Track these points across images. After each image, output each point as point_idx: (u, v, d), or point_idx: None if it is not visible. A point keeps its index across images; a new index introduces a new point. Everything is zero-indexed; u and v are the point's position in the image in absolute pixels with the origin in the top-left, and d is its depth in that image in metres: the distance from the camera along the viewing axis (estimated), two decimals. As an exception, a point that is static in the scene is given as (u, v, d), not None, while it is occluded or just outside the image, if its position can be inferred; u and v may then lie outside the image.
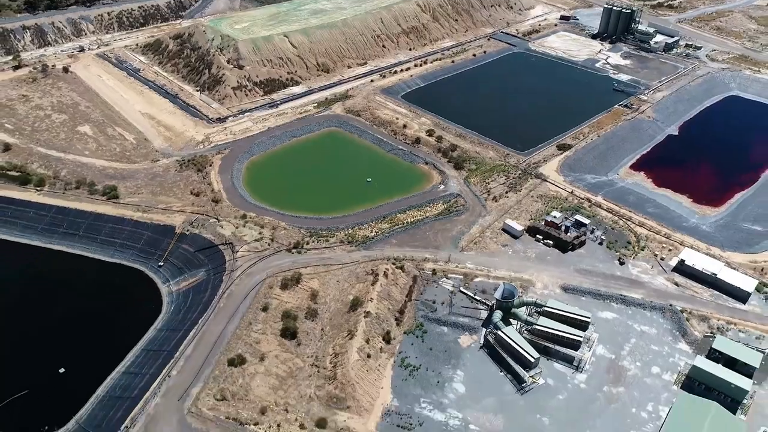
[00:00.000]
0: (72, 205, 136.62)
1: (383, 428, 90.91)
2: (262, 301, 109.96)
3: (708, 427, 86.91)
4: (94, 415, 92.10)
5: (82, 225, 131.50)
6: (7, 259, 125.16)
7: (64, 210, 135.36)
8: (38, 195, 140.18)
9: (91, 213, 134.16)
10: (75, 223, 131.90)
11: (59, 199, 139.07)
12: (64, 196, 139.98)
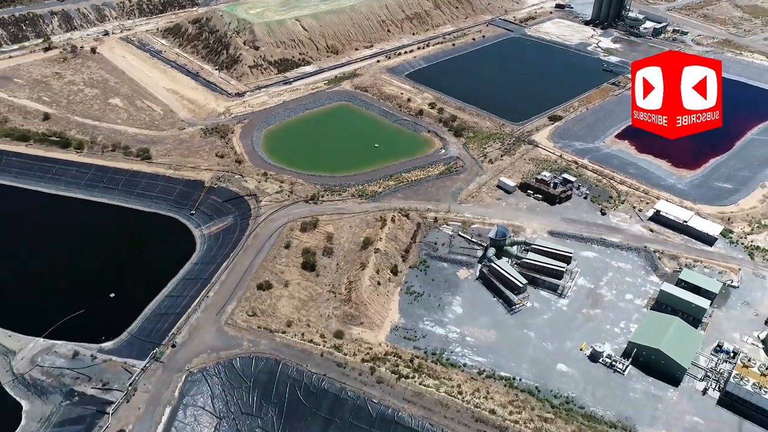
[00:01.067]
0: (110, 164, 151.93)
1: (392, 339, 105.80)
2: (285, 241, 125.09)
3: (670, 335, 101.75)
4: (143, 327, 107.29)
5: (120, 181, 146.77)
6: (55, 209, 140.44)
7: (103, 168, 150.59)
8: (79, 156, 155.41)
9: (128, 170, 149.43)
10: (114, 179, 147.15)
11: (98, 159, 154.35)
12: (102, 156, 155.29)
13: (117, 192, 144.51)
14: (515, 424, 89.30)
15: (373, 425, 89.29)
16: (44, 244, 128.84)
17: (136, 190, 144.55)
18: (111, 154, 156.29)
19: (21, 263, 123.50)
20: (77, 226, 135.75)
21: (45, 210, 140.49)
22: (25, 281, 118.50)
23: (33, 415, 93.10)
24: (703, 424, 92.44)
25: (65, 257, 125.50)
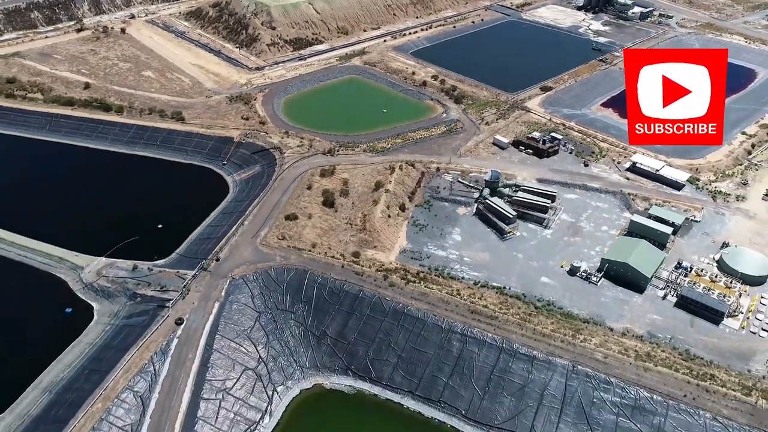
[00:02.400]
0: (148, 124, 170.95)
1: (401, 259, 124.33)
2: (307, 183, 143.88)
3: (637, 252, 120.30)
4: (190, 249, 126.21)
5: (158, 137, 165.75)
6: (103, 162, 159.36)
7: (143, 127, 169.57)
8: (119, 117, 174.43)
9: (165, 129, 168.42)
10: (153, 137, 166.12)
11: (137, 120, 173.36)
12: (141, 118, 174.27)
13: (156, 147, 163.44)
14: (504, 315, 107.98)
15: (387, 316, 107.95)
16: (99, 189, 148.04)
17: (173, 146, 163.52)
18: (148, 117, 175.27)
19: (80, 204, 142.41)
20: (124, 174, 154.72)
21: (95, 162, 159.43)
22: (85, 217, 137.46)
23: (103, 312, 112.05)
24: (662, 320, 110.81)
25: (117, 198, 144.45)
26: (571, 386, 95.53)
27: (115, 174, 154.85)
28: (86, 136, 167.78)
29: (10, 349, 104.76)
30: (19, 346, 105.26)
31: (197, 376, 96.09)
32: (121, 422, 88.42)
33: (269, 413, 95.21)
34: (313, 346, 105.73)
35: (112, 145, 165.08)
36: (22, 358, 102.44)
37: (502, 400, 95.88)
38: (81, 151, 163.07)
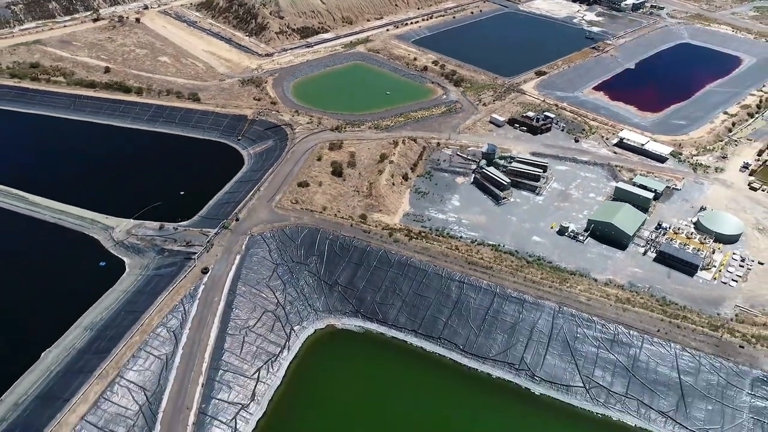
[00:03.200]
0: (167, 104, 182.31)
1: (404, 222, 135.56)
2: (317, 155, 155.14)
3: (620, 213, 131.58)
4: (211, 212, 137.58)
5: (176, 116, 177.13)
6: (126, 138, 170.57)
7: (161, 107, 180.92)
8: (139, 98, 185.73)
9: (182, 108, 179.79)
10: (171, 115, 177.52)
11: (156, 100, 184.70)
12: (159, 98, 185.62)
13: (175, 124, 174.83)
14: (498, 266, 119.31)
15: (392, 267, 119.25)
16: (123, 162, 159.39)
17: (191, 123, 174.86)
18: (166, 97, 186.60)
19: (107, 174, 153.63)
20: (146, 149, 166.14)
21: (118, 138, 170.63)
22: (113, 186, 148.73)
23: (134, 265, 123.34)
24: (641, 272, 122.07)
25: (140, 170, 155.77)
26: (557, 324, 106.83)
27: (138, 148, 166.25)
28: (109, 115, 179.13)
29: (51, 297, 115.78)
30: (59, 294, 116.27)
31: (223, 316, 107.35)
32: (157, 352, 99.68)
33: (287, 348, 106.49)
34: (326, 293, 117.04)
35: (133, 122, 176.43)
36: (64, 304, 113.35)
37: (495, 336, 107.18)
38: (104, 129, 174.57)
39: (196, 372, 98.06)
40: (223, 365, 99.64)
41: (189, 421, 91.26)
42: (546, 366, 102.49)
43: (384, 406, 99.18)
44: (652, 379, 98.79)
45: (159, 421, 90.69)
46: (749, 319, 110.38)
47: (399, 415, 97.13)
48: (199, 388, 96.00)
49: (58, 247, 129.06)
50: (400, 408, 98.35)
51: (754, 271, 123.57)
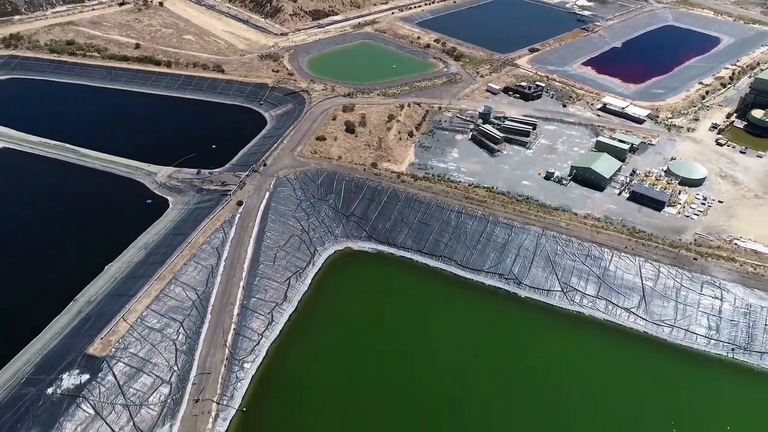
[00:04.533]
0: (194, 74, 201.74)
1: (410, 169, 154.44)
2: (331, 116, 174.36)
3: (599, 161, 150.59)
4: (240, 160, 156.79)
5: (204, 84, 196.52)
6: (160, 103, 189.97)
7: (190, 77, 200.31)
8: (169, 69, 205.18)
9: (209, 78, 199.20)
10: (199, 84, 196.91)
11: (184, 71, 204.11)
12: (187, 69, 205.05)
13: (203, 91, 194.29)
14: (491, 201, 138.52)
15: (400, 202, 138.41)
16: (158, 122, 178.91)
17: (217, 90, 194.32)
18: (193, 69, 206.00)
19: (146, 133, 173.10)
20: (178, 112, 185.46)
21: (152, 103, 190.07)
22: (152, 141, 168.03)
23: (176, 202, 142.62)
24: (616, 208, 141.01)
25: (175, 128, 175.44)
26: (541, 243, 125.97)
27: (171, 111, 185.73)
28: (142, 84, 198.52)
29: (108, 226, 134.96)
30: (115, 224, 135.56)
31: (257, 237, 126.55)
32: (204, 263, 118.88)
33: (312, 263, 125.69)
34: (343, 223, 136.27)
35: (165, 90, 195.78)
36: (120, 231, 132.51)
37: (488, 253, 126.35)
38: (139, 95, 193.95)
39: (237, 278, 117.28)
40: (259, 273, 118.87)
41: (234, 312, 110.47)
42: (530, 275, 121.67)
43: (393, 308, 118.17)
44: (619, 284, 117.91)
45: (209, 312, 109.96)
46: (705, 242, 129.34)
47: (405, 316, 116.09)
48: (240, 289, 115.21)
49: (110, 189, 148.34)
50: (407, 310, 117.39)
51: (713, 207, 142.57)
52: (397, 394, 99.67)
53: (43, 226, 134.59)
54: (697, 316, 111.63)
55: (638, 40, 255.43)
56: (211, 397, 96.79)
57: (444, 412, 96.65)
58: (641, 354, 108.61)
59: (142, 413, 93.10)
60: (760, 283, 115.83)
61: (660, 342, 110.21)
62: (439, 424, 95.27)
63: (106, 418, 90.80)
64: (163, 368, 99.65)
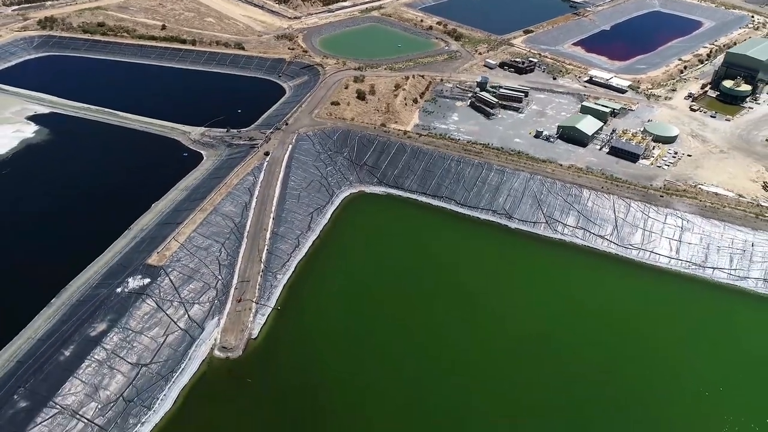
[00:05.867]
0: (218, 51, 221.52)
1: (415, 130, 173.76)
2: (344, 85, 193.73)
3: (583, 121, 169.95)
4: (264, 121, 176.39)
5: (227, 59, 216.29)
6: (188, 76, 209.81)
7: (214, 53, 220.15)
8: (194, 47, 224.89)
9: (231, 54, 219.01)
10: (223, 59, 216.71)
11: (208, 48, 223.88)
12: (210, 47, 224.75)
13: (226, 66, 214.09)
14: (487, 153, 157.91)
15: (406, 153, 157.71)
16: (188, 91, 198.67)
17: (239, 65, 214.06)
18: (216, 47, 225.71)
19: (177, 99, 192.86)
20: (205, 82, 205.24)
21: (181, 76, 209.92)
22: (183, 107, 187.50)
23: (210, 155, 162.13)
24: (596, 161, 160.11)
25: (203, 96, 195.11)
26: (529, 185, 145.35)
27: (198, 83, 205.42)
28: (170, 59, 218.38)
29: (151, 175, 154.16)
30: (157, 173, 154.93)
31: (283, 180, 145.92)
32: (239, 199, 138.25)
33: (331, 203, 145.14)
34: (357, 171, 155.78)
35: (192, 65, 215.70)
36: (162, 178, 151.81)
37: (483, 194, 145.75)
38: (169, 70, 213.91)
39: (268, 210, 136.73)
40: (286, 208, 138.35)
41: (266, 237, 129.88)
42: (519, 211, 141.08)
43: (400, 238, 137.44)
44: (595, 216, 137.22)
45: (245, 236, 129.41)
46: (673, 187, 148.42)
47: (411, 244, 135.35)
48: (271, 220, 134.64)
49: (149, 145, 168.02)
50: (413, 239, 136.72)
51: (683, 160, 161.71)
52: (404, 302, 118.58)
53: (96, 172, 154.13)
54: (661, 241, 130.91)
55: (626, 24, 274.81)
56: (251, 298, 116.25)
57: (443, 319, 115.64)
58: (613, 272, 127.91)
59: (195, 309, 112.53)
60: (716, 214, 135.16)
61: (629, 262, 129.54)
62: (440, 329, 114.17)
63: (166, 311, 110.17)
64: (209, 277, 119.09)
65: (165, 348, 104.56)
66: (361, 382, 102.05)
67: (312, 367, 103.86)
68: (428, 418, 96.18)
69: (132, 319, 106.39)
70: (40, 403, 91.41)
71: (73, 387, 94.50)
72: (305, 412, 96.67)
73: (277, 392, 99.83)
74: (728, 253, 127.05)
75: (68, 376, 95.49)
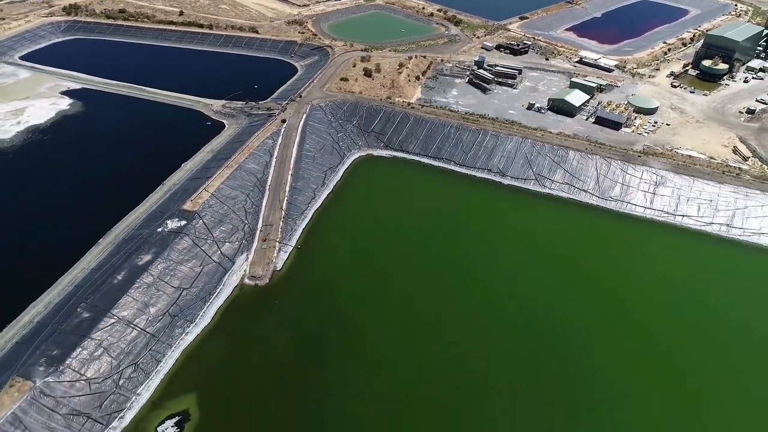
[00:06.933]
0: (233, 34, 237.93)
1: (417, 102, 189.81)
2: (352, 64, 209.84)
3: (571, 94, 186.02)
4: (279, 94, 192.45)
5: (242, 42, 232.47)
6: (206, 57, 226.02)
7: (230, 36, 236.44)
8: (211, 31, 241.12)
9: (246, 36, 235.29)
10: (238, 41, 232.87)
11: (224, 32, 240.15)
12: (226, 31, 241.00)
13: (242, 47, 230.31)
14: (484, 120, 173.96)
15: (409, 122, 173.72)
16: (207, 70, 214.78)
17: (254, 47, 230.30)
18: (231, 30, 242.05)
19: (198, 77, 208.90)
20: (223, 62, 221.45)
21: (200, 57, 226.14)
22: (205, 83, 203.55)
23: (231, 124, 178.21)
24: (583, 129, 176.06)
25: (222, 74, 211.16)
26: (521, 147, 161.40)
27: (217, 63, 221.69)
28: (189, 42, 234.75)
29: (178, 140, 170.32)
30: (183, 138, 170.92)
31: (299, 143, 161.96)
32: (260, 158, 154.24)
33: (342, 163, 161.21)
34: (365, 136, 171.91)
35: (209, 47, 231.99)
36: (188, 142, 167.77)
37: (479, 155, 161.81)
38: (188, 51, 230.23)
39: (286, 168, 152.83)
40: (302, 166, 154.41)
41: (286, 189, 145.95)
42: (512, 170, 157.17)
43: (405, 194, 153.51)
44: (579, 173, 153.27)
45: (267, 189, 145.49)
46: (651, 150, 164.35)
47: (414, 199, 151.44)
48: (290, 176, 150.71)
49: (175, 115, 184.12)
50: (416, 195, 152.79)
51: (662, 128, 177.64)
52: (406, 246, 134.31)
53: (128, 138, 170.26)
54: (637, 193, 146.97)
55: (617, 11, 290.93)
56: (275, 238, 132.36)
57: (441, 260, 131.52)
58: (594, 220, 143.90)
59: (226, 246, 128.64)
60: (687, 170, 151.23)
61: (609, 211, 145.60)
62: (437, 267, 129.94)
63: (201, 248, 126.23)
64: (237, 221, 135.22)
65: (202, 276, 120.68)
66: (367, 307, 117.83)
67: (327, 294, 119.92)
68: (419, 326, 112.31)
69: (173, 252, 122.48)
70: (101, 314, 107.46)
71: (127, 303, 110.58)
72: (321, 327, 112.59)
73: (298, 312, 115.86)
74: (696, 203, 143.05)
75: (122, 295, 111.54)
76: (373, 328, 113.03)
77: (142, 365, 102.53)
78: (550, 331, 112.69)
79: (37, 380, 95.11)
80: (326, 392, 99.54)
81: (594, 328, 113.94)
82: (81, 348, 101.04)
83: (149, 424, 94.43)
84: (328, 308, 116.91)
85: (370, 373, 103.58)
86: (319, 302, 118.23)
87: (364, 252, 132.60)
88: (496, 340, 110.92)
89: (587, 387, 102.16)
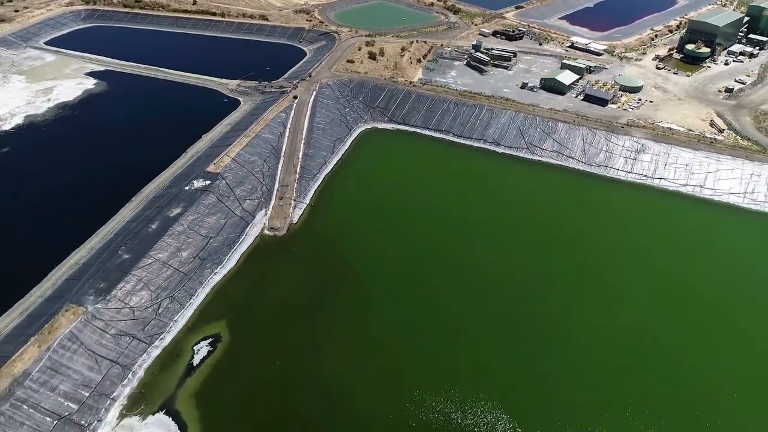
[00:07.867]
0: (245, 21, 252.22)
1: (419, 82, 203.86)
2: (357, 47, 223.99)
3: (561, 74, 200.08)
4: (290, 75, 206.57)
5: (253, 28, 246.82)
6: (220, 42, 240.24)
7: (241, 23, 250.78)
8: (223, 18, 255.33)
9: (257, 24, 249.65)
10: (249, 28, 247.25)
11: (236, 19, 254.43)
12: (238, 18, 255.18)
13: (253, 33, 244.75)
14: (480, 97, 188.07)
15: (411, 98, 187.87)
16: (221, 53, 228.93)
17: (264, 33, 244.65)
18: (243, 18, 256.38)
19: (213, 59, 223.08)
20: (236, 47, 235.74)
21: (214, 42, 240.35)
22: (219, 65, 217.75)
23: (246, 100, 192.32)
24: (572, 105, 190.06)
25: (235, 57, 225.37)
26: (514, 120, 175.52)
27: (230, 47, 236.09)
28: (204, 29, 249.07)
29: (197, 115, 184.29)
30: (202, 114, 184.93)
31: (310, 116, 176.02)
32: (275, 129, 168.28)
33: (350, 135, 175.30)
34: (370, 111, 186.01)
35: (223, 33, 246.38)
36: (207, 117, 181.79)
37: (476, 127, 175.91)
38: (203, 37, 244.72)
39: (299, 138, 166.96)
40: (314, 137, 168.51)
41: (299, 156, 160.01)
42: (505, 139, 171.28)
43: (407, 160, 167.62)
44: (567, 142, 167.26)
45: (282, 155, 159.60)
46: (634, 123, 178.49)
47: (416, 166, 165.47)
48: (302, 144, 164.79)
49: (193, 93, 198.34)
50: (417, 162, 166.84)
51: (645, 105, 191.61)
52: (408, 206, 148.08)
53: (152, 113, 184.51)
54: (619, 159, 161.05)
55: (608, 2, 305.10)
56: (290, 197, 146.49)
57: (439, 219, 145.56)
58: (580, 183, 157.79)
59: (247, 203, 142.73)
60: (666, 139, 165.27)
61: (594, 175, 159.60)
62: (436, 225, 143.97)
63: (225, 203, 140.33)
64: (256, 182, 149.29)
65: (227, 227, 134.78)
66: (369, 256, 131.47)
67: (336, 244, 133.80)
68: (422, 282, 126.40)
69: (200, 206, 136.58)
70: (139, 255, 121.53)
71: (162, 247, 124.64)
72: (333, 272, 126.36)
73: (312, 257, 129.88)
74: (673, 167, 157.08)
75: (157, 240, 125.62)
76: (374, 273, 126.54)
77: (178, 298, 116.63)
78: (541, 280, 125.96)
79: (89, 306, 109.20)
80: (333, 323, 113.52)
81: (581, 279, 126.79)
82: (124, 282, 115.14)
83: (186, 344, 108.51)
84: (336, 256, 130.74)
85: (369, 311, 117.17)
86: (329, 250, 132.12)
87: (369, 210, 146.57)
88: (489, 290, 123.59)
89: (573, 334, 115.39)
